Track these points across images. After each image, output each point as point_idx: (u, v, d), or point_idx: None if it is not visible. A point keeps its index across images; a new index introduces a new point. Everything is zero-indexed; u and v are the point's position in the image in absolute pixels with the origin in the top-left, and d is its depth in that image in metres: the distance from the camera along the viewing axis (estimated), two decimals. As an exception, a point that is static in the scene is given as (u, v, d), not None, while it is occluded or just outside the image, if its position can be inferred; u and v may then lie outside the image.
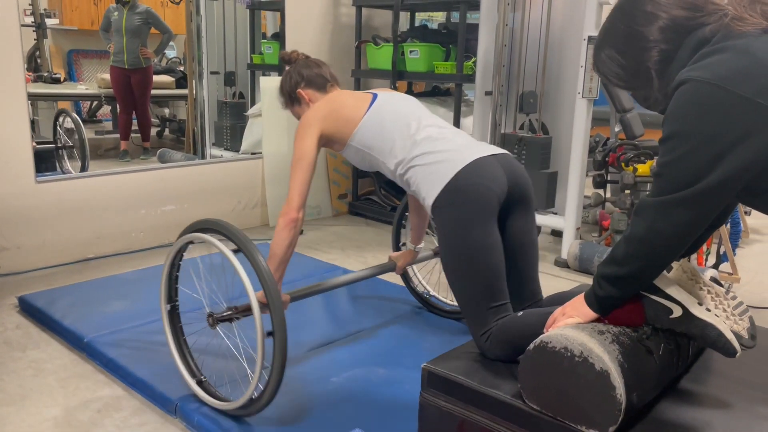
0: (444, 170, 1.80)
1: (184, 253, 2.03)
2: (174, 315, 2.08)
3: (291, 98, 2.21)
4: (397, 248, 2.85)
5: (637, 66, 1.32)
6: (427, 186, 1.83)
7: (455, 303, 2.66)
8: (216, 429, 1.86)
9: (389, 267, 2.52)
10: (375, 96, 2.08)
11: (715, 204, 1.19)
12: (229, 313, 1.94)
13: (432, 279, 2.87)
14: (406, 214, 2.71)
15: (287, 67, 2.23)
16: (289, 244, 1.92)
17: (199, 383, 2.00)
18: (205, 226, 1.91)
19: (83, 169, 4.50)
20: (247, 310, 1.91)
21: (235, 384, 2.03)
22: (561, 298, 1.68)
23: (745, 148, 1.13)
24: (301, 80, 2.18)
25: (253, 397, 1.82)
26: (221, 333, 2.02)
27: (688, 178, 1.17)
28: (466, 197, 1.76)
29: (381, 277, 2.94)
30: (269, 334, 1.74)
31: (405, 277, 2.82)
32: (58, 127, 4.71)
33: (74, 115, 4.83)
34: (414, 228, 2.51)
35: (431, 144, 1.89)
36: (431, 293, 2.82)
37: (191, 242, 1.96)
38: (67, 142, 4.66)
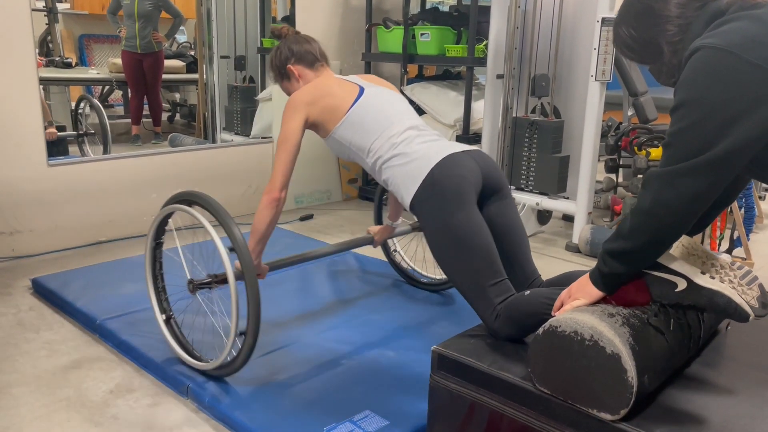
0: (419, 168, 1.86)
1: (168, 222, 2.19)
2: (156, 260, 2.24)
3: (281, 73, 2.25)
4: (378, 223, 2.96)
5: (653, 41, 1.31)
6: (405, 186, 1.89)
7: (431, 275, 2.87)
8: (227, 410, 1.88)
9: (367, 240, 2.64)
10: (362, 90, 2.10)
11: (724, 175, 1.17)
12: (209, 280, 2.07)
13: (409, 252, 3.04)
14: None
15: (278, 43, 2.26)
16: (269, 222, 2.01)
17: (167, 321, 2.19)
18: (186, 198, 2.05)
19: (105, 152, 4.52)
20: (225, 279, 1.99)
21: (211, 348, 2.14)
22: (568, 277, 1.68)
23: (756, 117, 1.11)
24: (291, 55, 2.21)
25: (228, 359, 1.95)
26: (200, 300, 2.15)
27: (697, 147, 1.15)
28: (442, 187, 1.81)
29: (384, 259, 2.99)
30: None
31: (386, 251, 2.98)
32: (80, 114, 4.72)
33: (95, 101, 4.85)
34: (391, 204, 2.57)
35: (408, 145, 1.94)
36: (411, 266, 2.96)
37: (172, 213, 2.13)
38: (89, 129, 4.67)
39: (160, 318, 2.20)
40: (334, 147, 2.13)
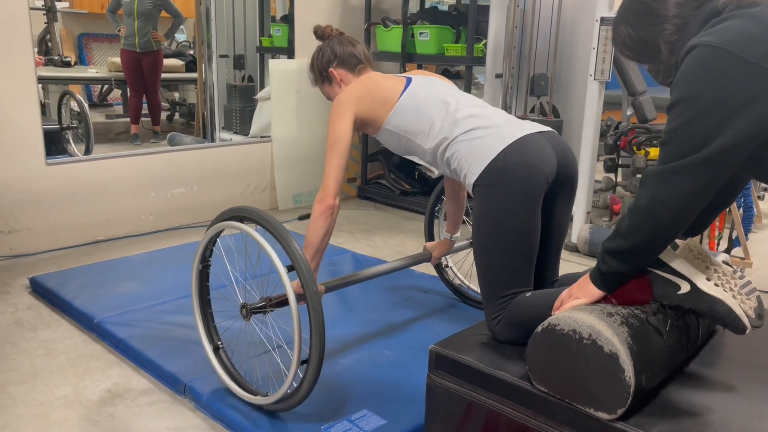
0: (489, 146, 1.70)
1: (218, 239, 1.96)
2: (203, 284, 2.00)
3: (322, 76, 2.13)
4: (430, 238, 2.75)
5: (652, 40, 1.32)
6: (470, 162, 1.73)
7: None
8: (224, 409, 1.87)
9: (425, 257, 2.43)
10: (409, 79, 2.00)
11: (720, 172, 1.17)
12: (263, 304, 1.84)
13: (464, 269, 2.77)
14: (442, 198, 2.62)
15: (321, 44, 2.14)
16: (325, 233, 1.85)
17: (215, 350, 1.98)
18: (239, 214, 1.83)
19: (87, 151, 4.50)
20: (282, 302, 1.83)
21: (266, 379, 1.96)
22: (570, 279, 1.67)
23: (751, 114, 1.11)
24: (334, 58, 2.09)
25: (289, 391, 1.75)
26: (255, 325, 1.95)
27: (694, 144, 1.15)
28: (513, 176, 1.65)
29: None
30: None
31: (438, 267, 2.71)
32: (62, 109, 4.71)
33: (78, 96, 4.82)
34: (450, 215, 2.38)
35: (475, 121, 1.79)
36: (464, 283, 2.73)
37: (222, 230, 1.90)
38: (71, 122, 4.65)
39: (209, 348, 1.99)
40: (388, 140, 2.00)
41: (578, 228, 3.50)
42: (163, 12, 5.57)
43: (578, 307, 1.35)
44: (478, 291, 2.59)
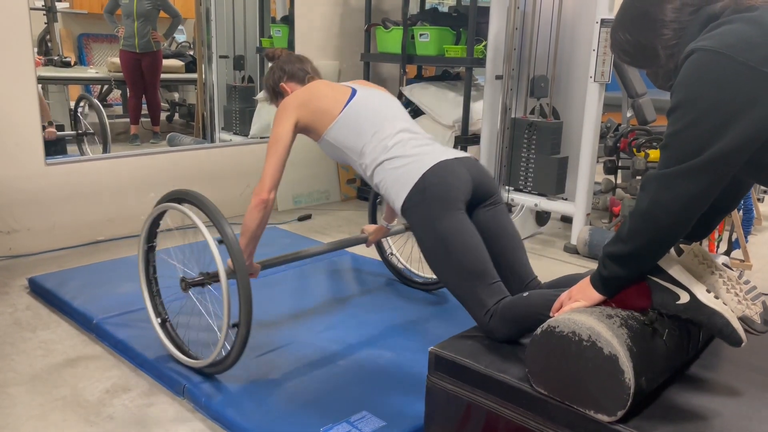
0: (413, 173, 1.87)
1: (160, 222, 2.19)
2: (150, 263, 2.23)
3: (275, 92, 2.30)
4: (373, 222, 2.98)
5: (650, 45, 1.31)
6: (396, 189, 1.89)
7: (425, 275, 2.85)
8: (223, 409, 1.87)
9: (361, 239, 2.66)
10: (354, 91, 2.11)
11: (721, 176, 1.17)
12: (201, 278, 2.07)
13: (405, 252, 3.03)
14: None
15: (270, 65, 2.32)
16: (259, 224, 2.01)
17: (162, 324, 2.19)
18: (178, 197, 2.05)
19: (105, 152, 4.51)
20: (216, 276, 2.01)
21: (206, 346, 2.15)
22: (570, 280, 1.67)
23: (750, 118, 1.11)
24: (284, 74, 2.27)
25: (223, 353, 1.96)
26: (194, 299, 2.20)
27: (694, 148, 1.15)
28: (431, 193, 1.82)
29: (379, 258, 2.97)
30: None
31: (381, 252, 2.98)
32: (79, 114, 4.70)
33: (95, 101, 4.83)
34: (387, 206, 2.59)
35: (401, 149, 1.95)
36: (405, 266, 2.96)
37: (164, 212, 2.13)
38: (88, 128, 4.66)
39: (156, 321, 2.19)
40: (328, 150, 2.14)
41: (578, 230, 3.50)
42: (161, 12, 5.57)
43: (578, 309, 1.34)
44: (420, 273, 2.88)
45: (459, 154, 1.97)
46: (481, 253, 1.78)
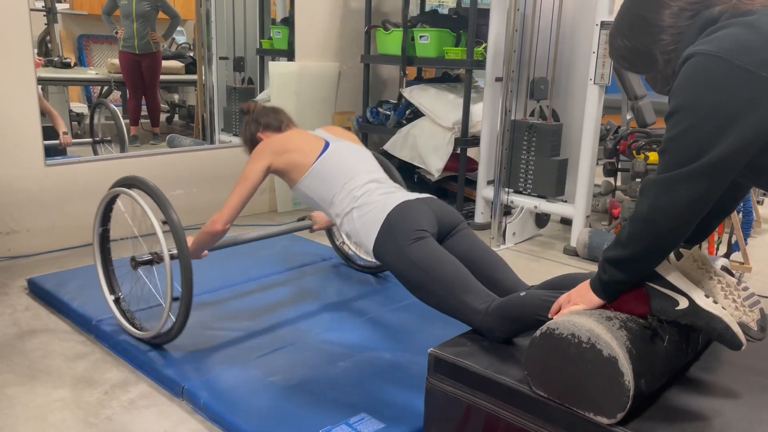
0: (377, 216, 1.95)
1: (113, 206, 2.39)
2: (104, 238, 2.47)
3: (252, 143, 2.37)
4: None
5: (648, 51, 1.31)
6: (365, 234, 1.97)
7: (369, 259, 2.96)
8: (222, 411, 1.87)
9: (307, 225, 2.78)
10: (327, 144, 2.21)
11: (720, 180, 1.17)
12: (149, 257, 2.26)
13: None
14: None
15: (245, 118, 2.42)
16: (205, 246, 2.24)
17: (116, 301, 2.38)
18: (127, 182, 2.25)
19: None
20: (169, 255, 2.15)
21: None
22: (570, 280, 1.67)
23: (749, 121, 1.11)
24: (259, 126, 2.38)
25: (168, 326, 2.13)
26: (143, 276, 2.38)
27: (692, 153, 1.15)
28: (398, 228, 1.90)
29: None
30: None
31: (331, 239, 3.18)
32: (95, 121, 4.68)
33: (112, 106, 4.82)
34: None
35: (368, 197, 2.03)
36: (354, 252, 3.11)
37: (116, 196, 2.33)
38: (105, 136, 4.65)
39: (110, 298, 2.38)
40: (301, 197, 2.23)
41: (577, 232, 3.50)
42: (160, 13, 5.57)
43: (577, 312, 1.34)
44: (366, 258, 3.03)
45: (421, 195, 2.06)
46: (458, 266, 1.83)
